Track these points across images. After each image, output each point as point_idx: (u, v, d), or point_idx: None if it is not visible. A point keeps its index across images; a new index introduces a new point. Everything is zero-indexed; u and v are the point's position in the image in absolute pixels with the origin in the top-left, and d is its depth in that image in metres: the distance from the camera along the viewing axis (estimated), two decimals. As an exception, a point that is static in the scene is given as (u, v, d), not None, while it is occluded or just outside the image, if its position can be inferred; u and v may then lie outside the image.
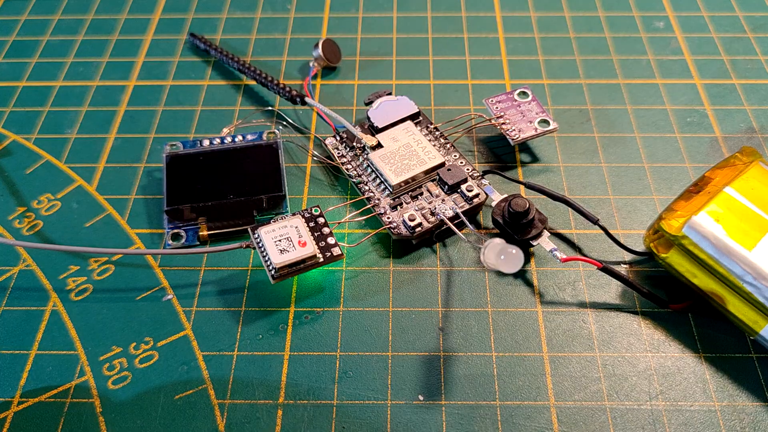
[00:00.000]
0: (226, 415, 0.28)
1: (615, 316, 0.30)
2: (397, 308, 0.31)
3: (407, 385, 0.28)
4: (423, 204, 0.33)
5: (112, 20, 0.45)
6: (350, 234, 0.33)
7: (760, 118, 0.38)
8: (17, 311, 0.31)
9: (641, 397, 0.28)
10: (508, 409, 0.28)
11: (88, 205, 0.35)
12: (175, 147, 0.35)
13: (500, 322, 0.30)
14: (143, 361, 0.29)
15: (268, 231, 0.30)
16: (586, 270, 0.32)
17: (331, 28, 0.44)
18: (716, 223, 0.28)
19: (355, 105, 0.39)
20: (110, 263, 0.33)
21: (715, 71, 0.41)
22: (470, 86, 0.40)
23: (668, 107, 0.39)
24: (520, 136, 0.35)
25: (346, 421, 0.27)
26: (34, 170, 0.37)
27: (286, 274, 0.30)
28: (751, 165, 0.30)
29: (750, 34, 0.43)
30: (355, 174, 0.34)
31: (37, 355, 0.30)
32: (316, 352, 0.29)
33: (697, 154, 0.36)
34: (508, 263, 0.27)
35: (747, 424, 0.27)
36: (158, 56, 0.43)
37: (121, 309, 0.31)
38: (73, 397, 0.28)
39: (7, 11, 0.46)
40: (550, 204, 0.34)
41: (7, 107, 0.40)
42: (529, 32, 0.44)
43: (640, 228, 0.33)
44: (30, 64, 0.43)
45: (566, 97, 0.40)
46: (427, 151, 0.34)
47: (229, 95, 0.40)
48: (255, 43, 0.44)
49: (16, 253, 0.33)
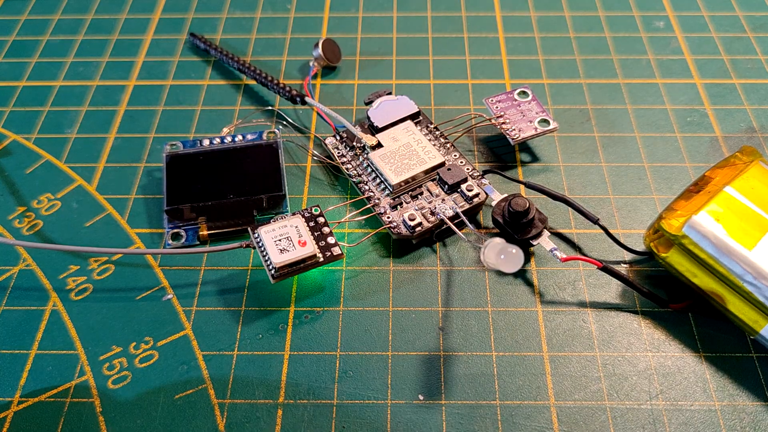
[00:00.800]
0: (226, 415, 0.28)
1: (615, 315, 0.30)
2: (397, 308, 0.31)
3: (407, 385, 0.28)
4: (423, 203, 0.33)
5: (112, 20, 0.45)
6: (350, 234, 0.33)
7: (760, 117, 0.38)
8: (17, 311, 0.31)
9: (641, 397, 0.28)
10: (508, 408, 0.28)
11: (88, 204, 0.35)
12: (175, 147, 0.35)
13: (500, 321, 0.30)
14: (143, 360, 0.29)
15: (268, 230, 0.30)
16: (586, 269, 0.32)
17: (331, 28, 0.44)
18: (716, 223, 0.28)
19: (355, 105, 0.39)
20: (110, 263, 0.33)
21: (715, 71, 0.41)
22: (470, 86, 0.40)
23: (668, 107, 0.39)
24: (520, 136, 0.35)
25: (346, 421, 0.27)
26: (34, 170, 0.37)
27: (286, 273, 0.30)
28: (751, 164, 0.30)
29: (750, 33, 0.43)
30: (355, 173, 0.34)
31: (37, 355, 0.30)
32: (316, 351, 0.29)
33: (697, 154, 0.36)
34: (508, 263, 0.27)
35: (747, 424, 0.27)
36: (158, 56, 0.43)
37: (121, 309, 0.31)
38: (73, 396, 0.28)
39: (7, 11, 0.46)
40: (550, 203, 0.34)
41: (7, 107, 0.40)
42: (529, 32, 0.44)
43: (640, 228, 0.33)
44: (30, 64, 0.43)
45: (566, 96, 0.40)
46: (427, 150, 0.34)
47: (229, 95, 0.40)
48: (255, 43, 0.44)
49: (16, 252, 0.33)
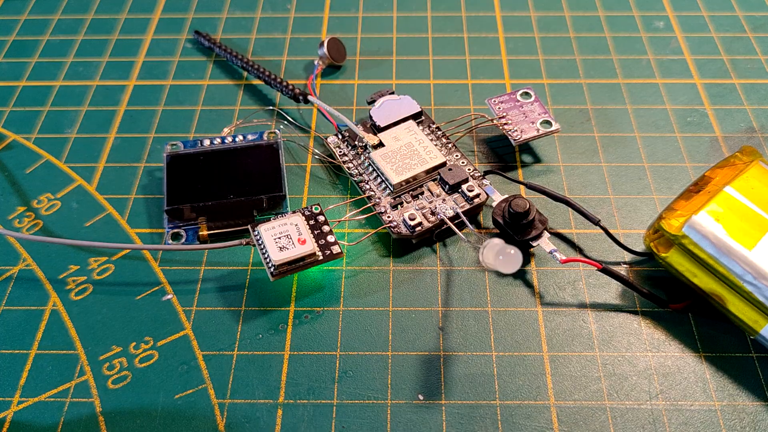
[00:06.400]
0: (226, 415, 0.28)
1: (615, 315, 0.30)
2: (397, 308, 0.31)
3: (407, 385, 0.28)
4: (423, 203, 0.33)
5: (112, 20, 0.45)
6: (350, 233, 0.33)
7: (760, 117, 0.38)
8: (17, 311, 0.31)
9: (641, 397, 0.28)
10: (508, 408, 0.28)
11: (88, 204, 0.35)
12: (175, 147, 0.35)
13: (500, 321, 0.30)
14: (143, 360, 0.29)
15: (267, 228, 0.30)
16: (586, 270, 0.32)
17: (331, 28, 0.44)
18: (716, 223, 0.28)
19: (355, 105, 0.39)
20: (110, 262, 0.33)
21: (715, 71, 0.41)
22: (470, 86, 0.40)
23: (668, 107, 0.39)
24: (522, 137, 0.35)
25: (346, 421, 0.27)
26: (34, 170, 0.37)
27: (285, 271, 0.30)
28: (751, 164, 0.30)
29: (750, 33, 0.43)
30: (356, 173, 0.34)
31: (36, 355, 0.30)
32: (316, 351, 0.29)
33: (697, 154, 0.36)
34: (507, 264, 0.27)
35: (747, 424, 0.27)
36: (158, 56, 0.43)
37: (120, 308, 0.31)
38: (73, 396, 0.28)
39: (7, 11, 0.46)
40: (550, 204, 0.34)
41: (7, 107, 0.40)
42: (529, 32, 0.44)
43: (640, 228, 0.33)
44: (30, 64, 0.43)
45: (566, 96, 0.40)
46: (429, 150, 0.34)
47: (230, 95, 0.40)
48: (255, 43, 0.44)
49: (16, 252, 0.33)
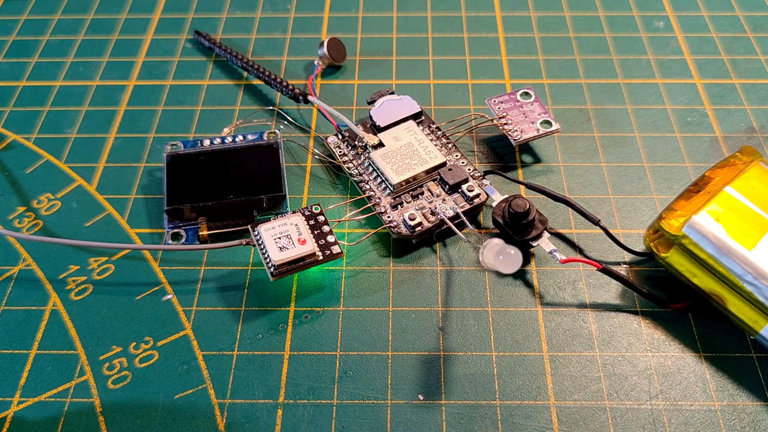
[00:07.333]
0: (226, 415, 0.28)
1: (615, 315, 0.30)
2: (397, 308, 0.31)
3: (407, 385, 0.28)
4: (423, 203, 0.33)
5: (112, 20, 0.45)
6: (350, 233, 0.33)
7: (760, 117, 0.38)
8: (17, 311, 0.31)
9: (641, 397, 0.28)
10: (508, 408, 0.28)
11: (88, 204, 0.35)
12: (175, 147, 0.35)
13: (500, 321, 0.30)
14: (143, 360, 0.29)
15: (267, 228, 0.30)
16: (586, 270, 0.32)
17: (331, 28, 0.44)
18: (716, 223, 0.28)
19: (355, 105, 0.39)
20: (110, 262, 0.33)
21: (715, 71, 0.41)
22: (470, 86, 0.40)
23: (668, 107, 0.39)
24: (522, 137, 0.35)
25: (346, 421, 0.27)
26: (34, 170, 0.37)
27: (285, 271, 0.30)
28: (751, 164, 0.30)
29: (750, 34, 0.43)
30: (356, 173, 0.34)
31: (36, 355, 0.30)
32: (316, 351, 0.29)
33: (697, 154, 0.36)
34: (507, 264, 0.27)
35: (747, 424, 0.27)
36: (158, 56, 0.43)
37: (121, 308, 0.31)
38: (73, 396, 0.28)
39: (7, 11, 0.46)
40: (550, 204, 0.34)
41: (7, 107, 0.40)
42: (529, 32, 0.44)
43: (640, 228, 0.33)
44: (30, 64, 0.43)
45: (566, 96, 0.40)
46: (429, 150, 0.34)
47: (230, 95, 0.40)
48: (255, 43, 0.44)
49: (16, 252, 0.33)
